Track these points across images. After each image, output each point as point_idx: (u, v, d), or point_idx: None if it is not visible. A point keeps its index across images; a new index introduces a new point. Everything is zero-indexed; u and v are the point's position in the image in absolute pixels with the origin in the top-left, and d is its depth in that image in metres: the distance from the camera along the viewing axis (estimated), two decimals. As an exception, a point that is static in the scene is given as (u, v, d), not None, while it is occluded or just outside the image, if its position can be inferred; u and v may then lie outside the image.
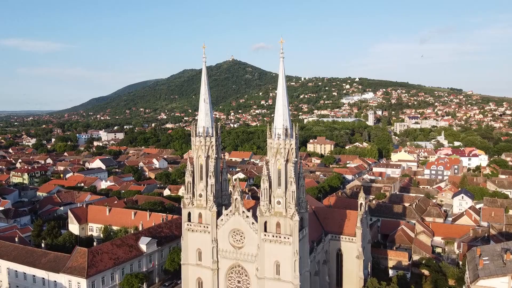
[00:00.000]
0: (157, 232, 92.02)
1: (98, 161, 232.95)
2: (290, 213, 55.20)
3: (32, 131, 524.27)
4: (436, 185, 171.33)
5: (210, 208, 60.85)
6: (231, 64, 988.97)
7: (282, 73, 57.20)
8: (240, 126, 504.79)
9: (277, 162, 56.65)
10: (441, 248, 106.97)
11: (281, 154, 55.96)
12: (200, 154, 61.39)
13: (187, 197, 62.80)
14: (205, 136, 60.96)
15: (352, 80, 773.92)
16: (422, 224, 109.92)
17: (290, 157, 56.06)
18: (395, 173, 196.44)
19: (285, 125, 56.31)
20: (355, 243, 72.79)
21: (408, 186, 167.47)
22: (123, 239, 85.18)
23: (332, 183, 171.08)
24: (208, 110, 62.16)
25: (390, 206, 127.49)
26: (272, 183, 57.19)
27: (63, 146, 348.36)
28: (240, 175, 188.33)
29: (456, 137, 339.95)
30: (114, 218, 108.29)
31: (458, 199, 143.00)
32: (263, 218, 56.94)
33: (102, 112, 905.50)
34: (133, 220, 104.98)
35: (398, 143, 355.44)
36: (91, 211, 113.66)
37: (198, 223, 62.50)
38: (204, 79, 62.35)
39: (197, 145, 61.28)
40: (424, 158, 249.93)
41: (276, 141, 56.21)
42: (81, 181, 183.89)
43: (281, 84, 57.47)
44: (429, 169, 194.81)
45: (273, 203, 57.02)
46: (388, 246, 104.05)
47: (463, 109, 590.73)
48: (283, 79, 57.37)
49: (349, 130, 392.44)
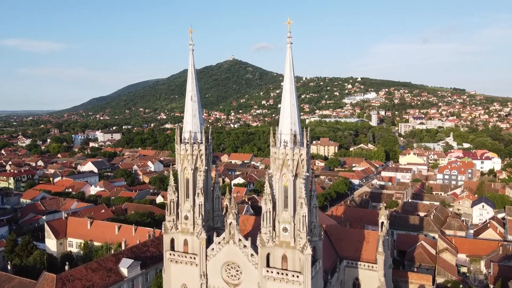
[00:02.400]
0: (141, 251, 79.40)
1: (90, 163, 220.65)
2: (300, 244, 42.60)
3: (30, 131, 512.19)
4: (451, 191, 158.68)
5: (198, 234, 48.23)
6: (232, 63, 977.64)
7: (290, 63, 44.62)
8: (240, 126, 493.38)
9: (283, 178, 44.07)
10: (466, 267, 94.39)
11: (288, 168, 43.41)
12: (186, 166, 48.85)
13: (169, 220, 50.30)
14: (192, 143, 48.41)
15: (354, 80, 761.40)
16: (445, 240, 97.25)
17: (300, 171, 43.50)
18: (405, 177, 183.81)
19: (293, 129, 43.77)
20: (376, 271, 60.17)
21: (421, 193, 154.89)
22: (100, 261, 72.56)
23: (339, 189, 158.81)
24: (196, 110, 49.57)
25: (405, 217, 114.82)
26: (276, 204, 44.68)
27: (57, 147, 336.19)
28: (239, 179, 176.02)
29: (465, 138, 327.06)
30: (96, 232, 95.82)
31: (478, 208, 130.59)
32: (265, 249, 44.36)
33: (102, 112, 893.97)
34: (117, 235, 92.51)
35: (403, 144, 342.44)
36: (71, 224, 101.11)
37: (184, 252, 49.90)
38: (192, 72, 49.80)
39: (182, 155, 48.74)
40: (434, 161, 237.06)
41: (282, 150, 43.67)
42: (69, 186, 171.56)
43: (289, 78, 44.93)
44: (442, 174, 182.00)
45: (277, 230, 44.50)
46: (407, 266, 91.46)
47: (467, 109, 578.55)
48: (291, 71, 44.80)
49: (353, 131, 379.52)
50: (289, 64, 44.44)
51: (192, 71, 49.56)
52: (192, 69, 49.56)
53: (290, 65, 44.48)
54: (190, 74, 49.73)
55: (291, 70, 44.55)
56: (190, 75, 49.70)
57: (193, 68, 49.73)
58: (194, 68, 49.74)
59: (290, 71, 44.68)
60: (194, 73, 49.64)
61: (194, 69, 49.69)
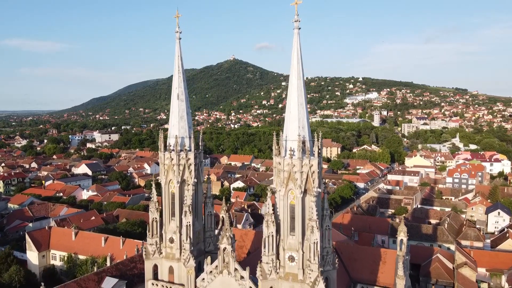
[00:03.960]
0: (128, 268, 70.89)
1: (84, 166, 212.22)
2: (311, 278, 34.29)
3: (28, 132, 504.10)
4: (462, 196, 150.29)
5: (185, 261, 39.88)
6: (232, 63, 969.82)
7: (298, 52, 36.22)
8: (240, 126, 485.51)
9: (289, 194, 35.73)
10: (486, 283, 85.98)
11: (295, 182, 35.06)
12: (172, 178, 40.52)
13: (151, 242, 41.89)
14: (178, 150, 40.06)
15: (355, 80, 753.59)
16: (463, 253, 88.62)
17: (310, 187, 35.16)
18: (412, 181, 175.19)
19: (302, 135, 35.40)
20: (395, 298, 51.80)
21: (431, 198, 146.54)
22: (80, 281, 64.14)
23: (344, 193, 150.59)
24: (183, 111, 41.17)
25: (417, 226, 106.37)
26: (281, 227, 36.38)
27: (53, 149, 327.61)
28: (239, 183, 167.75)
29: (471, 139, 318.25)
30: (81, 244, 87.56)
31: (493, 215, 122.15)
32: (266, 282, 36.07)
33: (102, 112, 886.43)
34: (103, 247, 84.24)
35: (407, 145, 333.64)
36: (54, 234, 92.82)
37: (169, 282, 41.57)
38: (178, 65, 41.44)
39: (166, 165, 40.43)
40: (441, 163, 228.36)
41: (288, 160, 35.32)
42: (60, 190, 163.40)
43: (296, 71, 36.59)
44: (452, 177, 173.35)
45: (282, 258, 36.20)
46: (422, 282, 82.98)
47: (470, 110, 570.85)
48: (298, 62, 36.39)
49: (355, 132, 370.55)
50: (296, 54, 36.03)
51: (178, 64, 41.21)
52: (179, 61, 41.22)
53: (297, 55, 36.07)
54: (177, 68, 41.36)
55: (298, 61, 36.15)
56: (177, 69, 41.32)
57: (180, 61, 41.38)
58: (181, 60, 41.38)
59: (297, 62, 36.28)
60: (181, 66, 41.26)
61: (181, 62, 41.32)
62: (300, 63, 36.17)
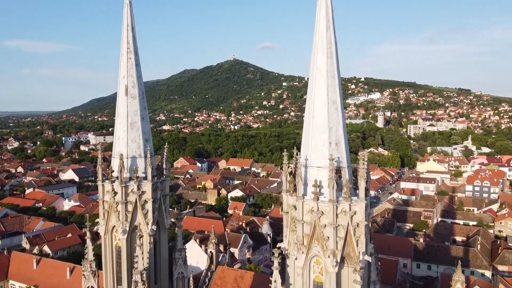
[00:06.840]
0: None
1: (70, 171, 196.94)
2: None
3: (23, 133, 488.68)
4: (486, 207, 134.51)
5: None
6: (232, 63, 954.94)
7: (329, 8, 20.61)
8: (241, 128, 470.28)
9: (313, 266, 20.01)
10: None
11: (325, 244, 19.32)
12: (115, 225, 24.84)
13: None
14: (126, 179, 24.42)
15: (357, 80, 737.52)
16: (505, 284, 73.10)
17: (353, 251, 19.42)
18: (428, 189, 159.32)
19: (336, 157, 19.64)
20: None
21: (452, 209, 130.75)
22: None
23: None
24: (136, 113, 25.29)
25: (445, 248, 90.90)
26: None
27: (43, 151, 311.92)
28: (237, 192, 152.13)
29: (482, 141, 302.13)
30: (43, 275, 72.13)
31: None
32: None
33: (101, 113, 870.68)
34: (69, 280, 68.66)
35: (415, 148, 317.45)
36: (14, 261, 77.40)
37: None
38: (128, 40, 25.68)
39: (106, 203, 24.74)
40: (455, 168, 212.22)
41: (312, 204, 19.58)
42: (40, 200, 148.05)
43: (325, 42, 20.82)
44: (472, 185, 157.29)
45: None
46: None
47: (476, 110, 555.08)
48: (329, 28, 20.70)
49: (360, 133, 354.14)
50: (325, 11, 20.33)
51: (128, 38, 25.47)
52: (129, 35, 25.48)
53: (327, 13, 20.34)
54: (125, 45, 25.55)
55: (329, 25, 20.39)
56: (125, 47, 25.50)
57: (131, 33, 25.58)
58: (132, 32, 25.60)
59: (326, 28, 20.48)
60: (133, 43, 25.52)
61: (132, 35, 25.56)
62: (332, 29, 20.44)
